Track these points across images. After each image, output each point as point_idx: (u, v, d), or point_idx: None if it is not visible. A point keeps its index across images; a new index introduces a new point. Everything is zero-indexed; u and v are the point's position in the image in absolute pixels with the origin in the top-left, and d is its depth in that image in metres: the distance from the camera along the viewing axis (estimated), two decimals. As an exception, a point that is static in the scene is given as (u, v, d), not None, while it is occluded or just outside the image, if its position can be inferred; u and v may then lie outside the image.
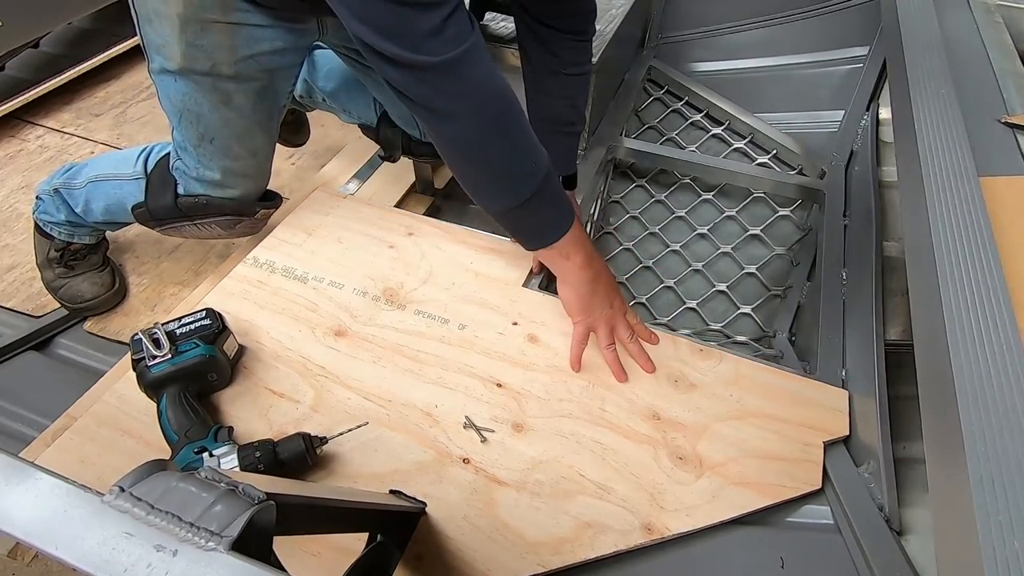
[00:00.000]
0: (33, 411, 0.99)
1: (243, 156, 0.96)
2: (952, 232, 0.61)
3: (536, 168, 0.78)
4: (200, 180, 0.96)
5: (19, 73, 1.75)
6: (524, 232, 0.86)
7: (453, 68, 0.66)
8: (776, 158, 1.42)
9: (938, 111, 0.77)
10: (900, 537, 0.70)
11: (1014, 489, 0.41)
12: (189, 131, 0.91)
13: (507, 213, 0.81)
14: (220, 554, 0.32)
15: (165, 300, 1.20)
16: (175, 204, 0.98)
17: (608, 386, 0.87)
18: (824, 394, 0.86)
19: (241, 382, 0.87)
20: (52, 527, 0.34)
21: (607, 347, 0.89)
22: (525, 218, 0.82)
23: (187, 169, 0.95)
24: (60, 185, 1.06)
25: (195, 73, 0.85)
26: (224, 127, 0.91)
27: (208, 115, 0.89)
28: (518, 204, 0.78)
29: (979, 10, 1.01)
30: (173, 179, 0.98)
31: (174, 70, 0.85)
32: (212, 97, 0.88)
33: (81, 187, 1.04)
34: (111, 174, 1.03)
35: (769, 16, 1.52)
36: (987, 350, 0.50)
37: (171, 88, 0.87)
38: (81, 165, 1.08)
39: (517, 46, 0.99)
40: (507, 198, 0.78)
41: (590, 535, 0.72)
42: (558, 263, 0.87)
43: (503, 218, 0.83)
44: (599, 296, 0.89)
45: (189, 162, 0.95)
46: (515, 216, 0.82)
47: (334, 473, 0.78)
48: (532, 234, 0.85)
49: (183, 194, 0.98)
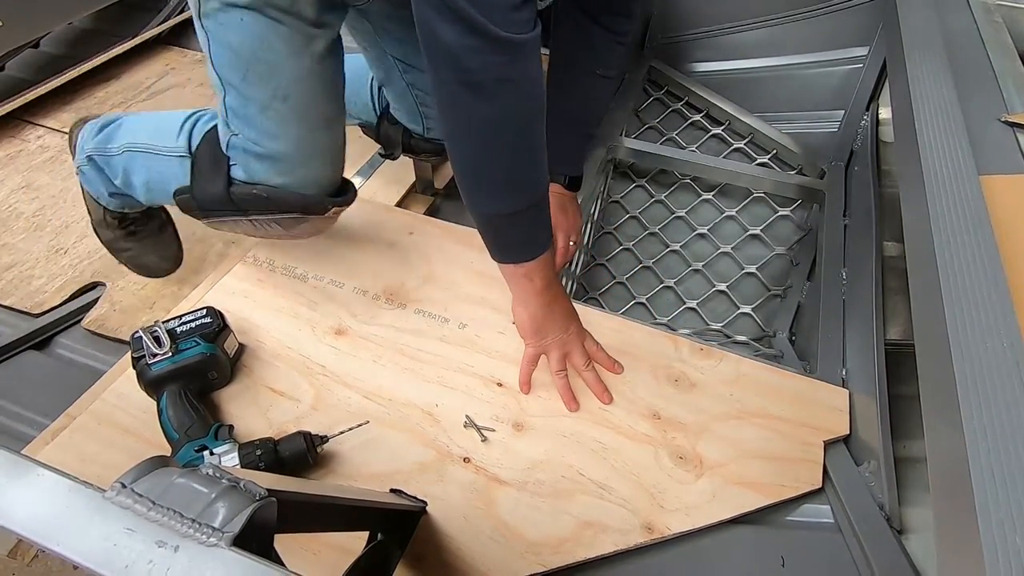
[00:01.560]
0: (33, 410, 0.99)
1: (319, 126, 0.82)
2: (952, 231, 0.61)
3: (539, 182, 0.76)
4: (265, 157, 0.79)
5: (19, 73, 1.75)
6: (500, 243, 0.80)
7: (519, 48, 0.64)
8: (776, 158, 1.43)
9: (938, 110, 0.77)
10: (901, 536, 0.70)
11: (1015, 487, 0.41)
12: (257, 88, 0.76)
13: (493, 219, 0.77)
14: (222, 550, 0.32)
15: (164, 298, 1.20)
16: (227, 194, 0.82)
17: (608, 385, 0.87)
18: (824, 393, 0.86)
19: (241, 380, 0.87)
20: (54, 523, 0.34)
21: (557, 372, 0.86)
22: (508, 229, 0.78)
23: (248, 144, 0.79)
24: (93, 151, 0.93)
25: (273, 7, 0.73)
26: (302, 81, 0.78)
27: (283, 64, 0.76)
28: (511, 212, 0.75)
29: (979, 10, 1.01)
30: (227, 160, 0.82)
31: (244, 3, 0.72)
32: (293, 41, 0.75)
33: (118, 154, 0.91)
34: (148, 144, 0.89)
35: (769, 16, 1.52)
36: (988, 349, 0.50)
37: (237, 31, 0.73)
38: (116, 122, 0.94)
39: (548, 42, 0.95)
40: (505, 202, 0.75)
41: (590, 535, 0.72)
42: (519, 282, 0.83)
43: (487, 223, 0.78)
44: (553, 321, 0.85)
45: (251, 133, 0.79)
46: (500, 224, 0.78)
47: (335, 472, 0.78)
48: (507, 247, 0.80)
49: (241, 180, 0.82)
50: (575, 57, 0.96)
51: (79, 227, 1.33)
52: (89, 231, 1.31)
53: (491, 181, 0.74)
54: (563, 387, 0.86)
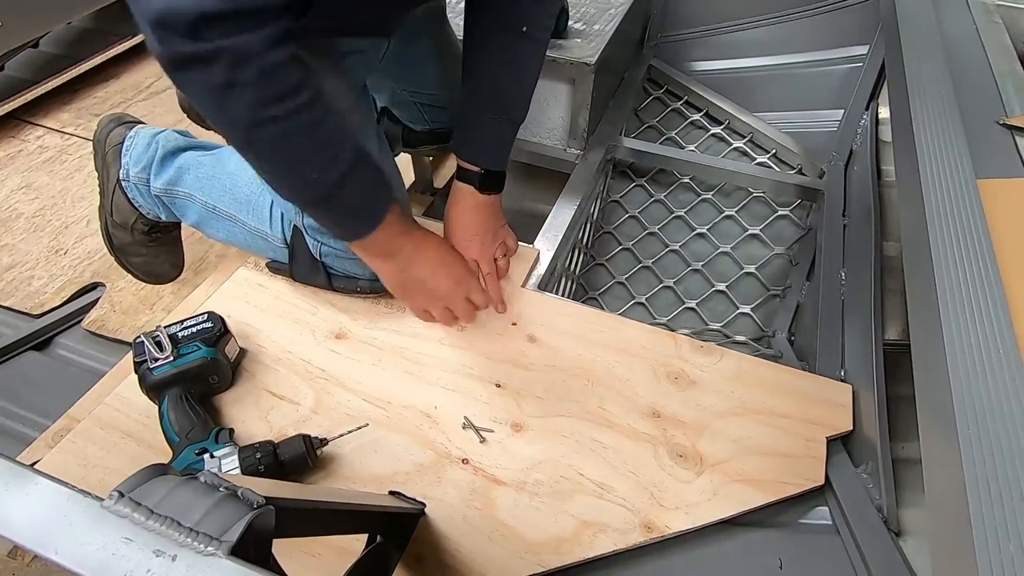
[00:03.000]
0: (33, 411, 1.00)
1: None
2: (949, 235, 0.61)
3: (335, 159, 0.69)
4: (356, 259, 0.87)
5: (19, 73, 1.75)
6: (326, 224, 0.79)
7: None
8: (775, 157, 1.42)
9: (936, 113, 0.77)
10: (898, 538, 0.70)
11: (1009, 494, 0.41)
12: None
13: (305, 206, 0.76)
14: (219, 559, 0.33)
15: (164, 299, 1.20)
16: (329, 283, 0.94)
17: (607, 385, 0.87)
18: (826, 389, 0.86)
19: (242, 384, 0.87)
20: (52, 532, 0.34)
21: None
22: (323, 210, 0.75)
23: (338, 251, 0.90)
24: (161, 193, 0.96)
25: None
26: None
27: None
28: (319, 195, 0.71)
29: (978, 10, 1.01)
30: (321, 264, 0.92)
31: None
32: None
33: (185, 199, 0.95)
34: (231, 214, 0.94)
35: (769, 16, 1.52)
36: (983, 353, 0.50)
37: None
38: (182, 165, 0.95)
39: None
40: (301, 190, 0.71)
41: (590, 534, 0.73)
42: (368, 260, 0.82)
43: (305, 207, 0.77)
44: (418, 287, 0.86)
45: (336, 244, 0.88)
46: (315, 207, 0.75)
47: (334, 475, 0.78)
48: (335, 226, 0.79)
49: (340, 274, 0.94)
50: (492, 11, 0.82)
51: (79, 227, 1.34)
52: (89, 232, 1.32)
53: (277, 170, 0.70)
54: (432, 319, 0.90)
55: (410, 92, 1.05)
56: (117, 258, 1.05)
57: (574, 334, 0.93)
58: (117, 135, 0.99)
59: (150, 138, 0.97)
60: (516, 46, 0.85)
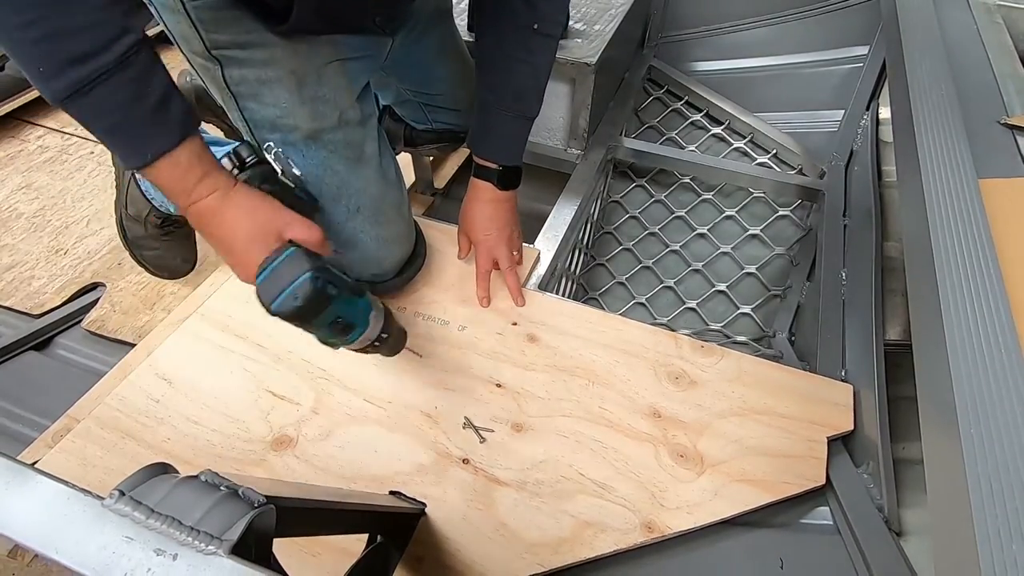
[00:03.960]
0: (33, 411, 0.99)
1: (393, 218, 0.90)
2: (951, 235, 0.61)
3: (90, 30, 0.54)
4: (352, 262, 0.88)
5: (19, 73, 1.75)
6: (105, 138, 0.62)
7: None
8: (776, 158, 1.42)
9: (938, 113, 0.77)
10: (899, 538, 0.70)
11: (1012, 494, 0.41)
12: (332, 209, 0.82)
13: (68, 105, 0.58)
14: (220, 558, 0.33)
15: (165, 299, 1.20)
16: None
17: (608, 385, 0.87)
18: (828, 389, 0.86)
19: (242, 385, 0.87)
20: (52, 531, 0.34)
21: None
22: (93, 112, 0.59)
23: (335, 251, 0.87)
24: None
25: (326, 132, 0.78)
26: (368, 187, 0.84)
27: (348, 177, 0.82)
28: (73, 84, 0.55)
29: (979, 10, 1.01)
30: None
31: (301, 139, 0.78)
32: (347, 154, 0.81)
33: None
34: None
35: (769, 16, 1.52)
36: (985, 354, 0.50)
37: (301, 165, 0.79)
38: None
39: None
40: (57, 74, 0.55)
41: (590, 534, 0.73)
42: (187, 212, 0.67)
43: (73, 113, 0.59)
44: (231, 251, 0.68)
45: (334, 244, 0.86)
46: (81, 111, 0.59)
47: (335, 475, 0.78)
48: (112, 141, 0.62)
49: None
50: (507, 10, 0.83)
51: (79, 227, 1.34)
52: (89, 232, 1.32)
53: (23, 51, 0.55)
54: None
55: (414, 91, 1.05)
56: (131, 252, 1.06)
57: (575, 334, 0.93)
58: None
59: None
60: (530, 43, 0.85)
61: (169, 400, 0.86)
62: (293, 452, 0.80)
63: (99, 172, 1.47)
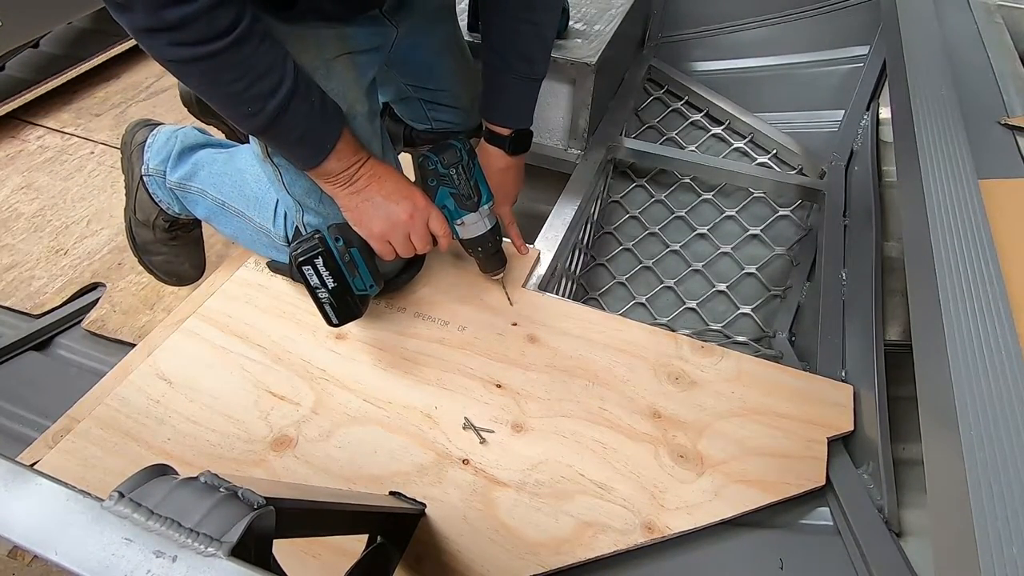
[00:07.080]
0: (33, 411, 1.00)
1: None
2: (951, 235, 0.61)
3: (274, 88, 0.67)
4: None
5: (19, 73, 1.75)
6: (285, 152, 0.78)
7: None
8: (776, 158, 1.42)
9: (938, 113, 0.77)
10: (900, 539, 0.70)
11: (1012, 495, 0.41)
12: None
13: (261, 136, 0.75)
14: (219, 559, 0.32)
15: (165, 299, 1.20)
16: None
17: (608, 385, 0.87)
18: (828, 389, 0.86)
19: (242, 385, 0.87)
20: (52, 533, 0.34)
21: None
22: (277, 138, 0.74)
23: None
24: (175, 187, 0.99)
25: None
26: None
27: None
28: (264, 123, 0.69)
29: (979, 10, 1.01)
30: None
31: None
32: None
33: (198, 194, 0.98)
34: (239, 210, 0.97)
35: (769, 16, 1.52)
36: (986, 354, 0.50)
37: None
38: (197, 161, 0.99)
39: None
40: (252, 117, 0.69)
41: (590, 535, 0.73)
42: (331, 191, 0.81)
43: (262, 135, 0.75)
44: (378, 214, 0.82)
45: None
46: (269, 137, 0.74)
47: (335, 475, 0.78)
48: (291, 155, 0.77)
49: None
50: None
51: (79, 227, 1.34)
52: (89, 232, 1.32)
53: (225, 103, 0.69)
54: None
55: (416, 87, 1.05)
56: (140, 258, 1.07)
57: (575, 334, 0.93)
58: (141, 135, 1.02)
59: (170, 133, 1.01)
60: (535, 6, 0.87)
61: (169, 400, 0.86)
62: (293, 452, 0.80)
63: (99, 172, 1.48)
